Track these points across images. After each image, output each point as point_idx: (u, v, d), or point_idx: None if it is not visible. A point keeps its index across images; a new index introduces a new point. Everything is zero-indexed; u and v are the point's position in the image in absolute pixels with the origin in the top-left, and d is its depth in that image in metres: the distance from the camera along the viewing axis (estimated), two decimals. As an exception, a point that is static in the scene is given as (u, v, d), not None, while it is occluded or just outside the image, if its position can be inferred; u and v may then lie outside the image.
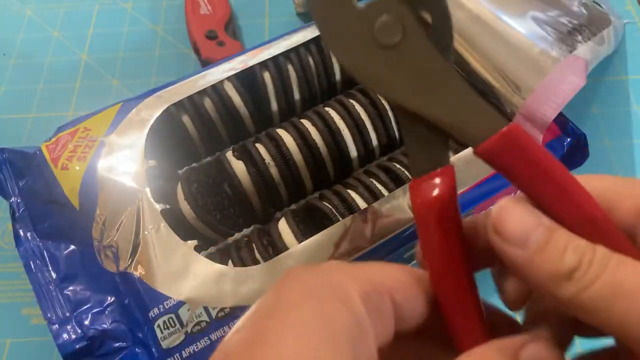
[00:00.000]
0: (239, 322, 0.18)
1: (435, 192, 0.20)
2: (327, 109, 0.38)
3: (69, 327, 0.31)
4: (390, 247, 0.33)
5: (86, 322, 0.31)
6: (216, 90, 0.38)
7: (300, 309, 0.17)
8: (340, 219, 0.33)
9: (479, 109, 0.19)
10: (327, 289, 0.17)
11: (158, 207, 0.33)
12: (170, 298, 0.30)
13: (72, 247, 0.34)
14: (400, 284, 0.19)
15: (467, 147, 0.20)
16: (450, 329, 0.20)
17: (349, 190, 0.36)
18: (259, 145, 0.37)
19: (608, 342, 0.19)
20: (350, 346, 0.16)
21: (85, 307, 0.32)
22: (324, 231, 0.32)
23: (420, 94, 0.20)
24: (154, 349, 0.30)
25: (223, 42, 0.49)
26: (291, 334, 0.16)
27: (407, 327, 0.20)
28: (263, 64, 0.39)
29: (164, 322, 0.30)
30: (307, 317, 0.16)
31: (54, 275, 0.33)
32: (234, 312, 0.30)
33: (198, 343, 0.30)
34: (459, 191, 0.33)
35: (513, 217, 0.18)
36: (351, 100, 0.38)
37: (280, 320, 0.17)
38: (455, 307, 0.20)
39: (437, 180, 0.20)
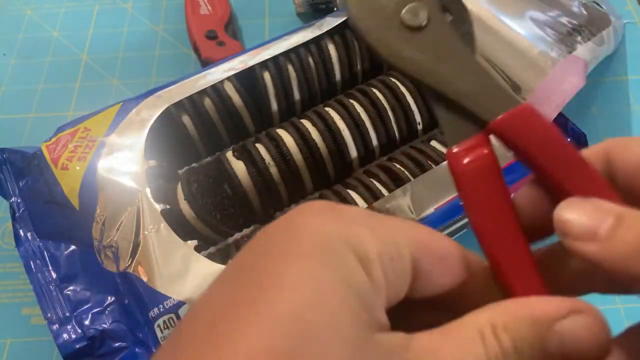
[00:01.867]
0: (239, 258, 0.17)
1: (477, 150, 0.20)
2: (327, 109, 0.38)
3: (69, 327, 0.31)
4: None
5: (86, 322, 0.31)
6: (216, 90, 0.38)
7: (313, 260, 0.15)
8: (340, 219, 0.33)
9: (495, 89, 0.21)
10: (345, 243, 0.16)
11: (158, 207, 0.33)
12: (170, 298, 0.30)
13: (72, 247, 0.34)
14: (431, 253, 0.18)
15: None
16: (504, 284, 0.19)
17: (348, 190, 0.36)
18: (259, 145, 0.37)
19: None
20: (364, 311, 0.15)
21: (85, 307, 0.32)
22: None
23: (442, 72, 0.21)
24: (154, 349, 0.30)
25: (223, 42, 0.49)
26: (306, 284, 0.15)
27: (421, 296, 0.18)
28: (263, 64, 0.39)
29: (164, 322, 0.30)
30: (321, 271, 0.15)
31: (54, 275, 0.33)
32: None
33: (198, 343, 0.30)
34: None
35: (574, 216, 0.18)
36: (351, 100, 0.38)
37: (290, 266, 0.15)
38: (511, 265, 0.19)
39: (475, 142, 0.20)
